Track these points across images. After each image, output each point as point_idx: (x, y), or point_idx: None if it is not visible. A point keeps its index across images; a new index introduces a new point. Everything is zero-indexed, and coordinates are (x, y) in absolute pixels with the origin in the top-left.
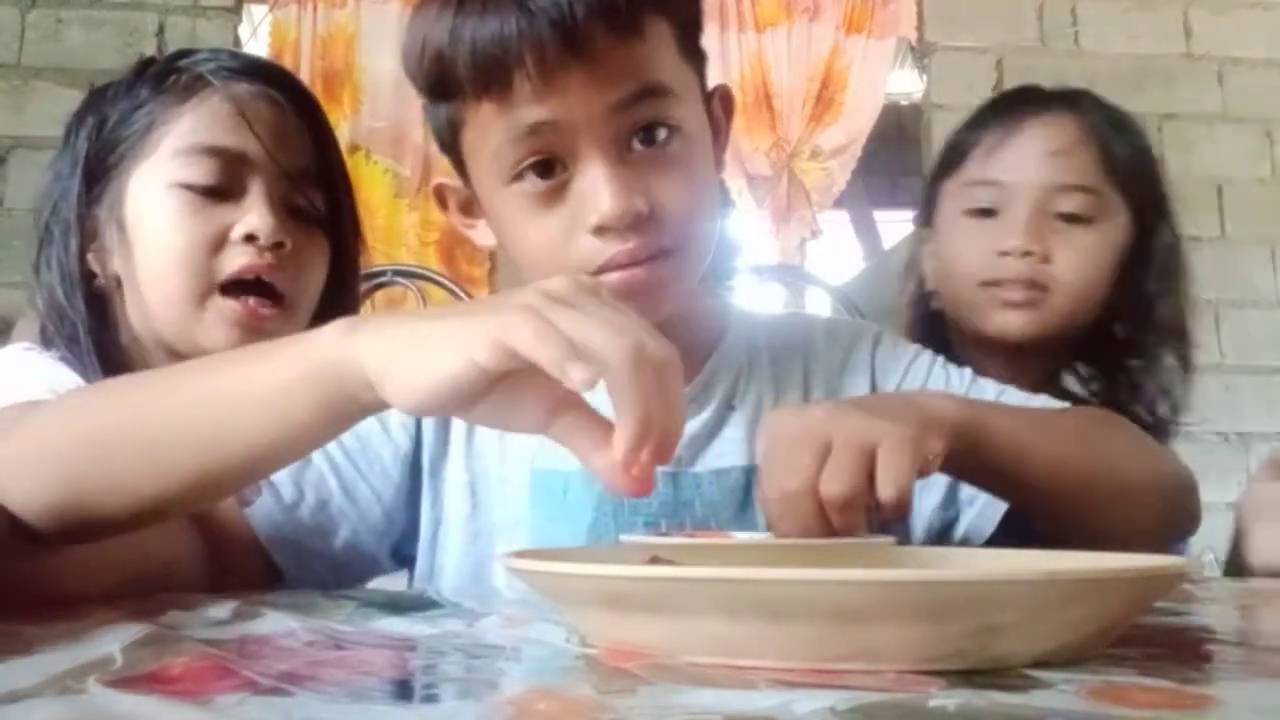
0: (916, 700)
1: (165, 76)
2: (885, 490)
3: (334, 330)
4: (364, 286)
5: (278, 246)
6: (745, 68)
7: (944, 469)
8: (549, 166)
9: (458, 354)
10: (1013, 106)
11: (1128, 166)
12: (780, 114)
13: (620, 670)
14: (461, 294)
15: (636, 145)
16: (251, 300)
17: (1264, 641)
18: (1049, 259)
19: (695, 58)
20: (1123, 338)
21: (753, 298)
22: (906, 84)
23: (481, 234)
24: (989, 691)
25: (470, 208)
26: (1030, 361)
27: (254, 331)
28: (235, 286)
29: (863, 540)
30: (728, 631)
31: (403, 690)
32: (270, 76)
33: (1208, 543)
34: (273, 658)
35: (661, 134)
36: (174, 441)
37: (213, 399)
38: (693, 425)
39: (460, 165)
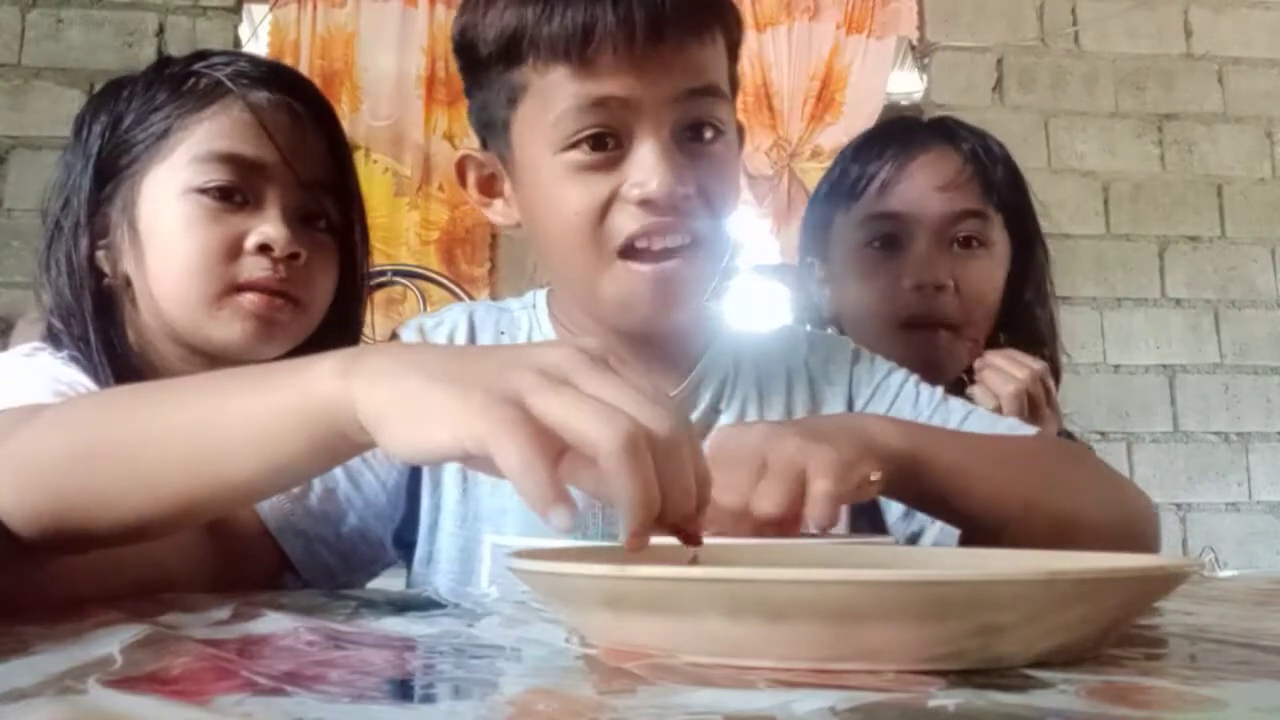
0: (916, 700)
1: (183, 79)
2: (811, 512)
3: (331, 368)
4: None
5: (292, 258)
6: (745, 67)
7: (888, 495)
8: (602, 141)
9: (448, 432)
10: (894, 141)
11: (1004, 189)
12: (780, 113)
13: (620, 670)
14: (461, 294)
15: (686, 139)
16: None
17: (1264, 641)
18: (956, 289)
19: (734, 81)
20: (1005, 345)
21: (754, 297)
22: (906, 84)
23: (496, 212)
24: (989, 691)
25: (490, 185)
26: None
27: (270, 323)
28: (250, 290)
29: (863, 540)
30: (728, 631)
31: (402, 690)
32: (289, 84)
33: (1208, 542)
34: (273, 658)
35: (708, 133)
36: (163, 461)
37: (205, 423)
38: None
39: (500, 138)
